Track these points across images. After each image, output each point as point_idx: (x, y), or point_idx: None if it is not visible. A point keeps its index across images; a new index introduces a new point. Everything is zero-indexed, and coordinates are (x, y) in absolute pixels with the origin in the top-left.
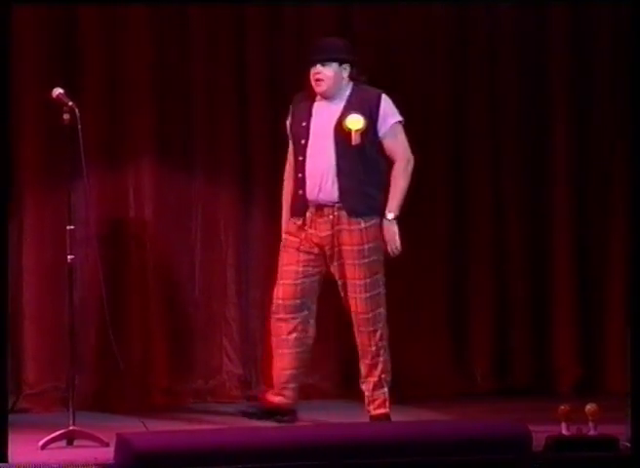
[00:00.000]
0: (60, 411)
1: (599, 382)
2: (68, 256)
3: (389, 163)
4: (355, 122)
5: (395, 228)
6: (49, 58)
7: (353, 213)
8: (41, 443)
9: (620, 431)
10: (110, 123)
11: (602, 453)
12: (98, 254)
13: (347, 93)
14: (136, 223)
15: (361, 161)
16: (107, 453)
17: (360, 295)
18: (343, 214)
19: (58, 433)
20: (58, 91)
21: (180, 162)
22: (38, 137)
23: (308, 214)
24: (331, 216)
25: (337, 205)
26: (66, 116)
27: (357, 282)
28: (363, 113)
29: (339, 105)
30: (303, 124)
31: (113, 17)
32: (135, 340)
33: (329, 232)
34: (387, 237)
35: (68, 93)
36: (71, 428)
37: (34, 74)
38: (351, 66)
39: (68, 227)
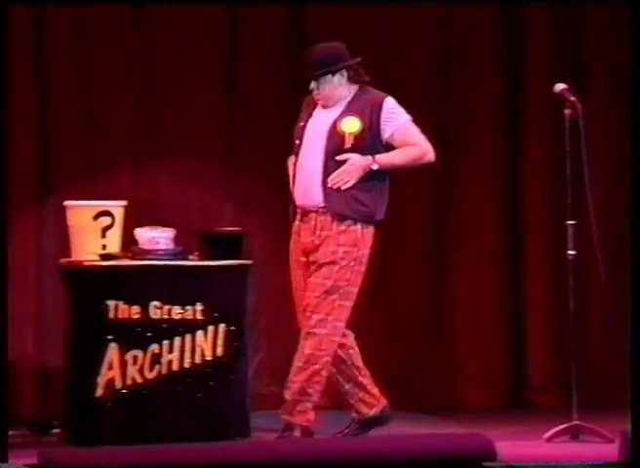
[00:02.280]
0: (564, 406)
1: None
2: (569, 252)
3: None
4: (351, 125)
5: (361, 166)
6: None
7: (337, 216)
8: (546, 435)
9: None
10: (617, 121)
11: None
12: (598, 250)
13: (350, 96)
14: None
15: None
16: (612, 450)
17: (313, 294)
18: (328, 219)
19: (562, 427)
20: (561, 86)
21: None
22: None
23: (297, 222)
24: (313, 222)
25: (320, 209)
26: (567, 111)
27: (317, 280)
28: (363, 117)
29: (337, 109)
30: (301, 124)
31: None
32: None
33: (310, 238)
34: (345, 166)
35: (572, 88)
36: (576, 422)
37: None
38: (347, 70)
39: (569, 222)
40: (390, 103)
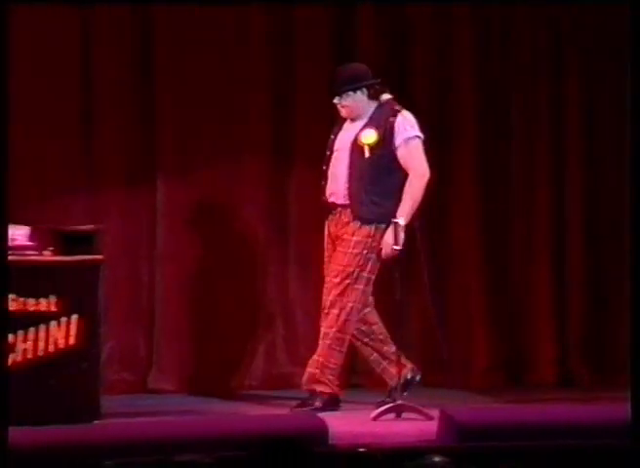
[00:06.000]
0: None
1: None
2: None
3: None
4: (368, 137)
5: (399, 234)
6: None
7: (356, 217)
8: (373, 415)
9: None
10: (439, 124)
11: None
12: (421, 244)
13: (371, 111)
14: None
15: (372, 171)
16: (431, 427)
17: (333, 280)
18: (348, 212)
19: (387, 406)
20: (387, 96)
21: None
22: None
23: (330, 216)
24: (337, 215)
25: (343, 205)
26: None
27: (337, 267)
28: (380, 129)
29: (360, 123)
30: (332, 137)
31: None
32: (457, 322)
33: (334, 229)
34: (386, 238)
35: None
36: (399, 402)
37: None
38: (368, 89)
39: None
40: (402, 117)
